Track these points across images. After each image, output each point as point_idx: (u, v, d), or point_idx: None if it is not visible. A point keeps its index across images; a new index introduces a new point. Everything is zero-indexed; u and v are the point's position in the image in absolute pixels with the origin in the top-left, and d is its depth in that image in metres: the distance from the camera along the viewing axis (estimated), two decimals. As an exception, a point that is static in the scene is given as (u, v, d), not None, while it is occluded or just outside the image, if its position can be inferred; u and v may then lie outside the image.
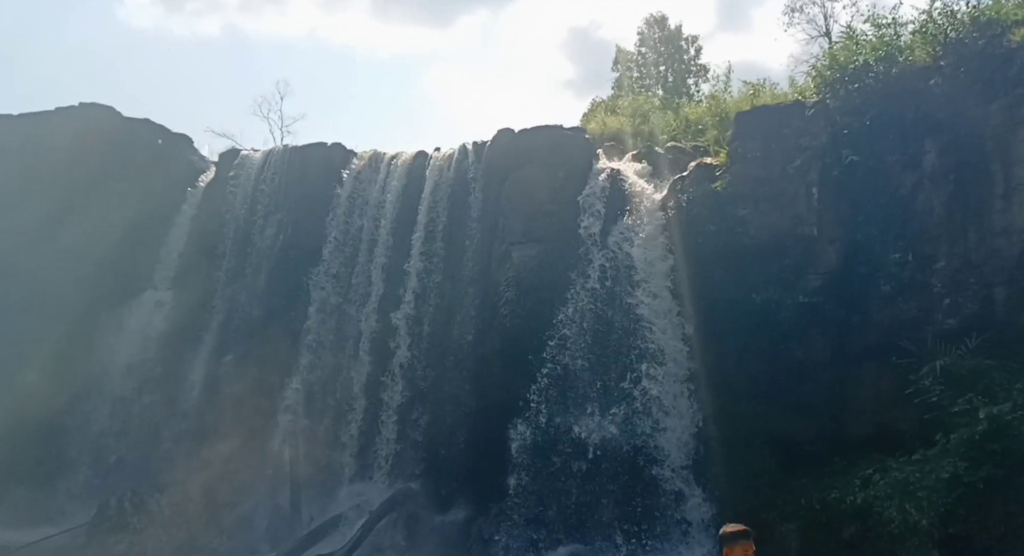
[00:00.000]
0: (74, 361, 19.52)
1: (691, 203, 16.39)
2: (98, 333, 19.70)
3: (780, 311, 14.90)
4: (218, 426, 18.10)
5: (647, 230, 16.53)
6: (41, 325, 19.52)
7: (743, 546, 5.23)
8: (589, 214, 17.22)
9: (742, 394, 14.64)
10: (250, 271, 19.99)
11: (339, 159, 20.58)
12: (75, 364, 19.51)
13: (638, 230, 16.56)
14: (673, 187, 17.04)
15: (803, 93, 17.24)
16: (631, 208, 16.97)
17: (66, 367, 19.41)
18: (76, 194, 20.61)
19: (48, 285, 19.67)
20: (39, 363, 19.22)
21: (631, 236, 16.51)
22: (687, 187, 16.76)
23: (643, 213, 16.85)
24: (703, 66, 30.99)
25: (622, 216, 16.92)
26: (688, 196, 16.54)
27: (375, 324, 18.25)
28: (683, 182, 16.98)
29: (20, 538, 15.66)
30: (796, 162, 15.41)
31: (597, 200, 17.36)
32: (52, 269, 19.78)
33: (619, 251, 16.36)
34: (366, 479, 17.11)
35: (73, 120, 21.46)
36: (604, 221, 17.06)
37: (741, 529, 5.29)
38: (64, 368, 19.38)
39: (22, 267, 19.33)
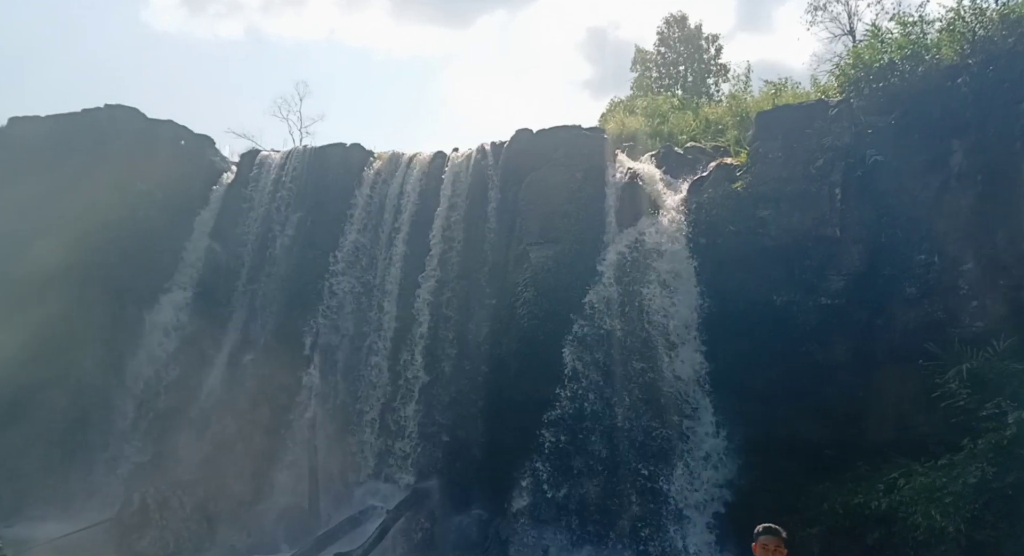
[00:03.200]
0: (98, 359, 19.73)
1: (711, 204, 16.26)
2: (122, 332, 19.87)
3: (801, 313, 14.73)
4: (238, 425, 18.21)
5: (665, 231, 16.42)
6: (67, 324, 19.75)
7: (764, 542, 5.52)
8: (608, 214, 17.13)
9: (761, 397, 14.49)
10: (270, 271, 20.10)
11: (358, 159, 20.64)
12: (99, 362, 19.72)
13: (656, 231, 16.45)
14: (692, 188, 16.92)
15: (826, 92, 17.05)
16: (649, 209, 16.86)
17: (91, 365, 19.62)
18: (101, 194, 20.79)
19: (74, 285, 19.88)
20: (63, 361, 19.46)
21: (649, 237, 16.40)
22: (707, 188, 16.63)
23: (662, 214, 16.75)
24: (723, 66, 30.80)
25: (640, 217, 16.81)
26: (708, 197, 16.41)
27: (393, 324, 18.28)
28: (703, 183, 16.85)
29: (45, 533, 15.83)
30: (819, 162, 15.23)
31: (616, 200, 17.27)
32: (78, 269, 19.99)
33: (637, 252, 16.25)
34: (384, 479, 17.12)
35: (99, 121, 21.65)
36: (623, 221, 16.97)
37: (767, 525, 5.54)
38: (89, 366, 19.60)
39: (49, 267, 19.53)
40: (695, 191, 16.77)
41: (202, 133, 22.81)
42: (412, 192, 19.45)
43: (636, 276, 16.00)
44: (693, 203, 16.57)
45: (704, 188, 16.63)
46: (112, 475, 18.47)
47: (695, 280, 15.79)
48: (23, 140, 21.71)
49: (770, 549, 5.56)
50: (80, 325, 19.71)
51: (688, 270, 15.99)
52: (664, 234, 16.39)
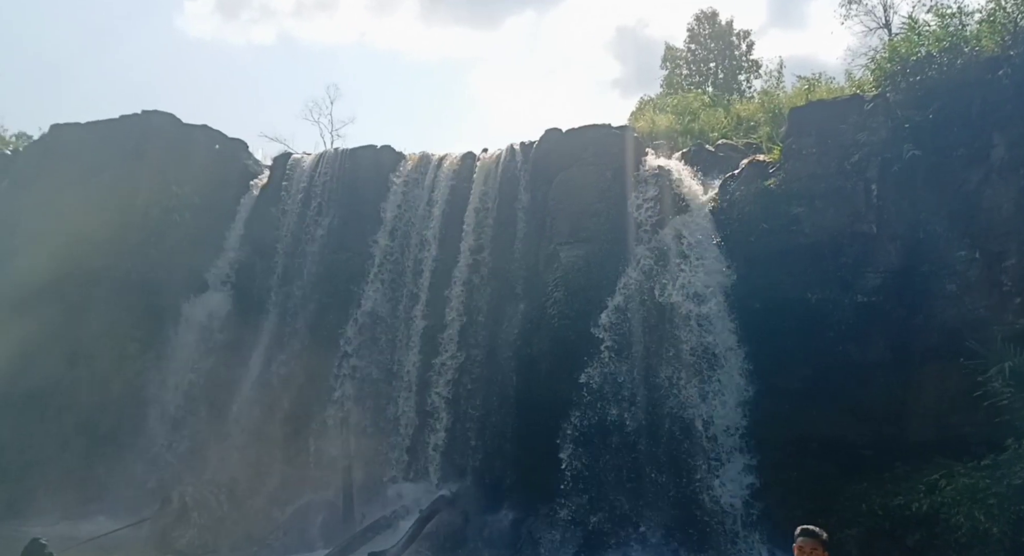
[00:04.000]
0: (136, 360, 20.13)
1: (743, 201, 16.08)
2: (159, 333, 20.24)
3: (837, 311, 14.51)
4: (273, 424, 18.45)
5: (697, 229, 16.27)
6: (105, 325, 20.20)
7: (800, 544, 5.51)
8: (638, 213, 17.04)
9: (797, 396, 14.29)
10: (302, 272, 20.33)
11: (388, 161, 20.80)
12: (137, 363, 20.11)
13: (688, 229, 16.30)
14: (724, 185, 16.74)
15: (861, 87, 16.76)
16: (680, 207, 16.73)
17: (129, 366, 20.03)
18: (139, 198, 21.26)
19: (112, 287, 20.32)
20: (103, 362, 19.89)
21: (681, 235, 16.26)
22: (738, 185, 16.45)
23: (693, 212, 16.60)
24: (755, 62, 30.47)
25: (673, 214, 16.69)
26: (739, 194, 16.23)
27: (424, 325, 18.37)
28: (734, 180, 16.66)
29: (87, 531, 16.18)
30: (854, 158, 14.98)
31: (647, 199, 17.17)
32: (116, 271, 20.44)
33: (669, 251, 16.13)
34: (417, 478, 17.23)
35: (136, 127, 22.09)
36: (654, 220, 16.85)
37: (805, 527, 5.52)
38: (127, 367, 20.01)
39: (89, 269, 19.99)
40: (726, 189, 16.59)
41: (236, 137, 23.22)
42: (442, 193, 19.54)
43: (667, 276, 15.86)
44: (724, 201, 16.40)
45: (736, 186, 16.45)
46: (150, 474, 18.82)
47: (728, 278, 15.61)
48: (64, 147, 22.27)
49: (806, 551, 5.53)
50: (118, 326, 20.17)
51: (720, 268, 15.80)
52: (695, 232, 16.23)
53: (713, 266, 15.83)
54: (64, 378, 19.77)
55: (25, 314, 19.65)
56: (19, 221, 21.52)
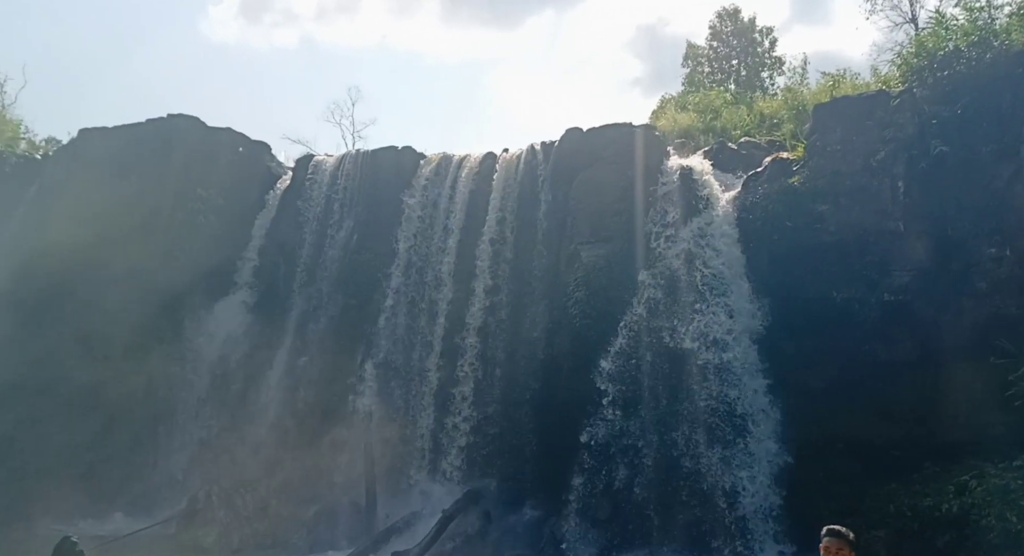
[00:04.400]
0: (162, 360, 20.34)
1: (767, 199, 15.94)
2: (185, 334, 20.47)
3: (863, 310, 14.34)
4: (296, 424, 18.58)
5: (720, 228, 16.15)
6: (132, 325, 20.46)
7: (827, 544, 5.48)
8: (660, 212, 16.94)
9: (822, 396, 14.14)
10: (325, 273, 20.47)
11: (409, 162, 20.88)
12: (163, 363, 20.33)
13: (711, 228, 16.18)
14: (747, 183, 16.60)
15: (887, 83, 16.52)
16: (704, 205, 16.60)
17: (154, 366, 20.26)
18: (164, 200, 21.53)
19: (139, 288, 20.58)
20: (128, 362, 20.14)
21: (704, 234, 16.13)
22: (762, 183, 16.31)
23: (716, 210, 16.47)
24: (778, 58, 30.15)
25: (694, 214, 16.57)
26: (763, 192, 16.09)
27: (446, 325, 18.41)
28: (757, 178, 16.52)
29: (116, 529, 16.40)
30: (880, 154, 14.79)
31: (668, 198, 17.06)
32: (143, 273, 20.69)
33: (692, 250, 16.01)
34: (439, 478, 17.27)
35: (161, 130, 22.34)
36: (676, 219, 16.74)
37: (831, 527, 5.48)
38: (153, 367, 20.24)
39: (117, 270, 20.27)
40: (750, 187, 16.45)
41: (259, 140, 23.43)
42: (463, 193, 19.57)
43: (690, 275, 15.75)
44: (748, 199, 16.26)
45: (759, 183, 16.31)
46: (176, 474, 19.04)
47: (750, 277, 15.48)
48: (92, 151, 22.60)
49: (832, 552, 5.46)
50: (145, 326, 20.39)
51: (742, 267, 15.68)
52: (718, 231, 16.11)
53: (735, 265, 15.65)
54: (91, 378, 20.00)
55: (53, 315, 19.99)
56: (49, 224, 21.86)
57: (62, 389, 19.75)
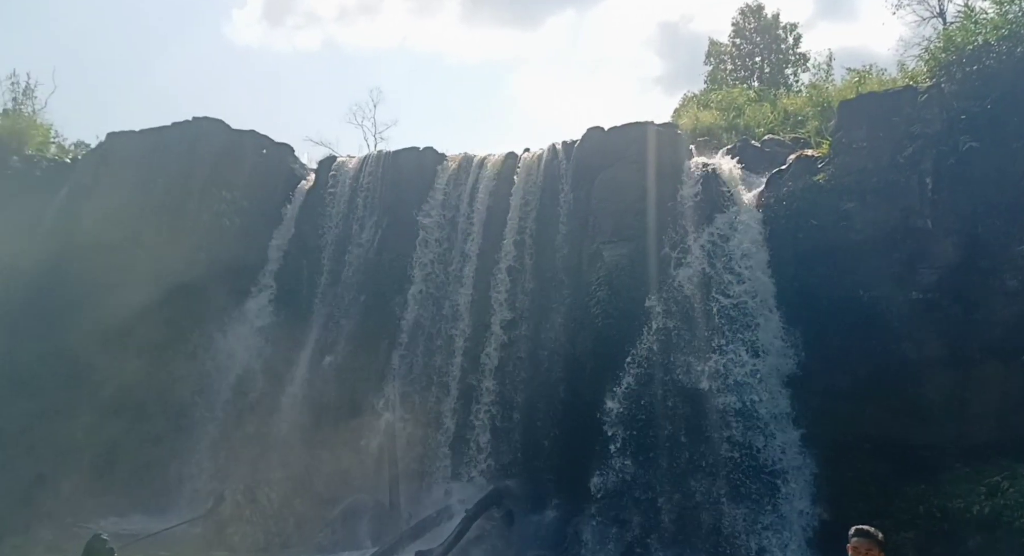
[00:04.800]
0: (188, 361, 20.59)
1: (791, 197, 15.78)
2: (211, 334, 20.69)
3: (891, 308, 14.14)
4: (320, 424, 18.71)
5: (744, 226, 16.01)
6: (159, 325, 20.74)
7: (855, 544, 5.40)
8: (682, 211, 16.84)
9: (849, 396, 13.97)
10: (348, 273, 20.60)
11: (430, 163, 20.95)
12: (189, 364, 20.58)
13: (735, 227, 16.05)
14: (771, 181, 16.45)
15: (914, 78, 16.29)
16: (727, 204, 16.48)
17: (181, 366, 20.50)
18: (190, 202, 21.79)
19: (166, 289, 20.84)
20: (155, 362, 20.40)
21: (727, 233, 16.01)
22: (786, 181, 16.15)
23: (740, 209, 16.34)
24: (802, 55, 29.81)
25: (718, 212, 16.45)
26: (787, 190, 15.93)
27: (468, 324, 18.45)
28: (782, 176, 16.37)
29: (145, 527, 16.62)
30: (907, 151, 14.59)
31: (691, 197, 16.96)
32: (169, 274, 20.95)
33: (715, 249, 15.89)
34: (462, 477, 17.30)
35: (187, 133, 22.58)
36: (698, 218, 16.63)
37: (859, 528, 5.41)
38: (179, 367, 20.49)
39: (144, 272, 20.55)
40: (774, 185, 16.29)
41: (282, 142, 23.61)
42: (484, 193, 19.60)
43: (713, 275, 15.64)
44: (772, 197, 16.11)
45: (783, 181, 16.15)
46: (201, 472, 19.25)
47: (776, 277, 15.34)
48: (120, 154, 22.94)
49: (861, 552, 5.39)
50: (171, 327, 20.66)
51: (767, 266, 15.53)
52: (742, 230, 15.96)
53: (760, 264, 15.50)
54: (116, 377, 20.28)
55: (81, 314, 20.31)
56: (78, 226, 22.25)
57: (86, 387, 20.07)
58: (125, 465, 19.01)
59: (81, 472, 18.74)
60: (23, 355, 20.28)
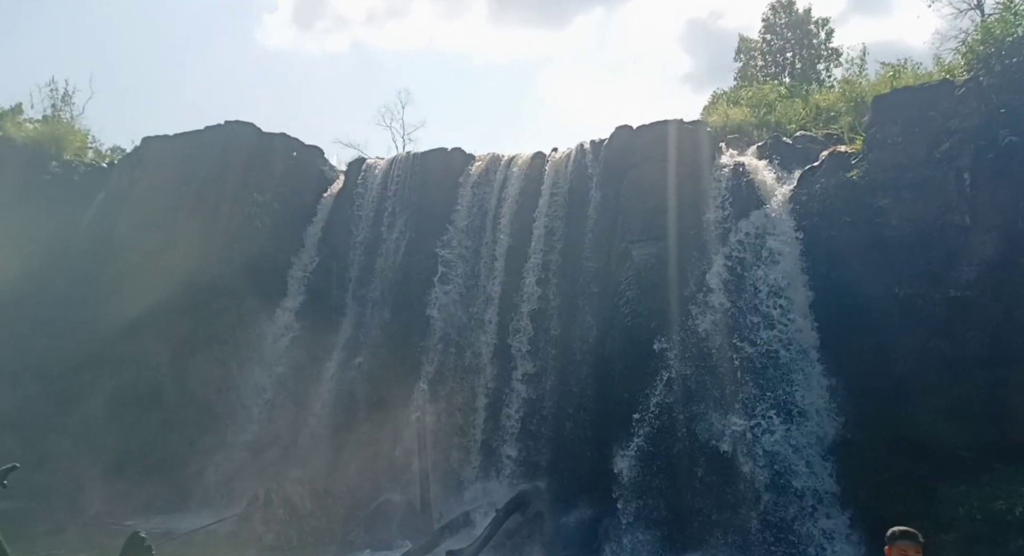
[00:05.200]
0: (222, 362, 20.89)
1: (823, 194, 15.53)
2: (243, 335, 20.97)
3: (927, 306, 13.83)
4: (351, 425, 18.87)
5: (776, 224, 15.78)
6: (193, 328, 21.09)
7: (903, 547, 5.18)
8: (713, 209, 16.68)
9: (885, 396, 13.69)
10: (377, 274, 20.74)
11: (458, 163, 21.02)
12: (223, 365, 20.87)
13: (766, 224, 15.84)
14: (803, 178, 16.19)
15: (951, 72, 15.93)
16: (758, 202, 16.28)
17: (215, 367, 20.81)
18: (223, 205, 22.12)
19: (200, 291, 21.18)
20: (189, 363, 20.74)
21: (759, 231, 15.80)
22: (819, 177, 15.89)
23: (771, 206, 16.11)
24: (835, 50, 29.31)
25: (749, 210, 16.26)
26: (820, 187, 15.68)
27: (496, 324, 18.47)
28: (814, 172, 16.11)
29: (181, 526, 16.88)
30: (944, 146, 14.27)
31: (721, 195, 16.79)
32: (203, 276, 21.29)
33: (746, 247, 15.70)
34: (492, 478, 17.33)
35: (219, 137, 22.92)
36: (729, 216, 16.45)
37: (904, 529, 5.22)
38: (213, 368, 20.80)
39: (178, 274, 20.90)
40: (806, 182, 16.05)
41: (312, 144, 23.87)
42: (512, 192, 19.61)
43: (745, 274, 15.46)
44: (804, 194, 15.87)
45: (816, 178, 15.91)
46: (237, 472, 19.50)
47: (808, 275, 15.11)
48: (155, 158, 23.37)
49: (909, 555, 5.20)
50: (205, 328, 21.02)
51: (800, 265, 15.31)
52: (773, 228, 15.75)
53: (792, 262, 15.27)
54: (149, 378, 20.69)
55: (119, 317, 20.71)
56: (115, 229, 22.71)
57: (121, 387, 20.51)
58: (159, 464, 19.34)
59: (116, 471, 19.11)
60: (59, 357, 20.77)
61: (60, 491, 18.44)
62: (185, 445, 19.84)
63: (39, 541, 15.02)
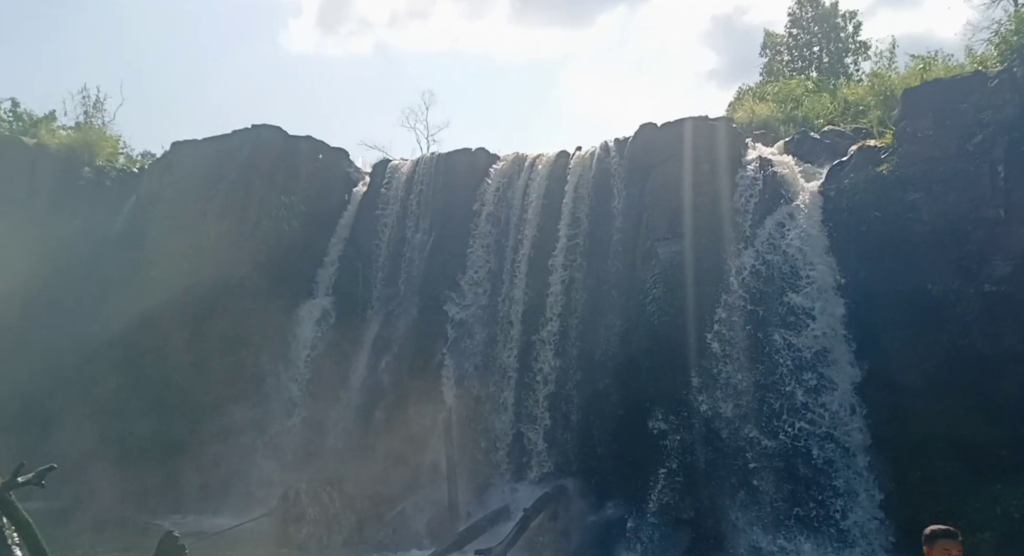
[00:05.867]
0: (252, 363, 21.09)
1: (852, 189, 15.34)
2: (273, 337, 21.15)
3: (961, 302, 13.60)
4: (378, 424, 18.96)
5: (804, 220, 15.62)
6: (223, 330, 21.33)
7: (946, 546, 5.06)
8: (739, 206, 16.52)
9: (918, 393, 13.49)
10: (403, 275, 20.83)
11: (483, 163, 21.02)
12: (253, 366, 21.07)
13: (794, 221, 15.68)
14: (831, 173, 16.02)
15: (984, 63, 15.62)
16: (786, 198, 16.10)
17: (245, 369, 21.02)
18: (250, 209, 22.34)
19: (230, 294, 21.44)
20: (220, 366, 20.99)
21: (786, 227, 15.65)
22: (847, 172, 15.71)
23: (799, 202, 15.96)
24: (863, 43, 28.88)
25: (776, 207, 16.09)
26: (849, 182, 15.50)
27: (522, 324, 18.45)
28: (843, 167, 15.93)
29: (213, 525, 17.08)
30: (977, 138, 14.01)
31: (747, 191, 16.62)
32: (232, 279, 21.55)
33: (774, 244, 15.54)
34: (520, 477, 17.32)
35: (247, 141, 23.10)
36: (756, 212, 16.29)
37: (943, 528, 5.11)
38: (243, 370, 21.01)
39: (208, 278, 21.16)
40: (835, 177, 15.85)
41: (337, 146, 24.01)
42: (536, 192, 19.57)
43: (772, 271, 15.29)
44: (832, 190, 15.68)
45: (845, 173, 15.71)
46: (267, 472, 19.70)
47: (839, 271, 14.92)
48: (184, 163, 23.68)
49: (953, 554, 5.04)
50: (236, 330, 21.24)
51: (830, 261, 15.12)
52: (801, 224, 15.57)
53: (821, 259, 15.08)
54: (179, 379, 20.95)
55: (152, 323, 21.05)
56: (145, 235, 23.05)
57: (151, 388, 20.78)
58: (188, 465, 19.55)
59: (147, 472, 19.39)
60: (90, 359, 21.13)
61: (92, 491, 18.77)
62: (214, 446, 20.04)
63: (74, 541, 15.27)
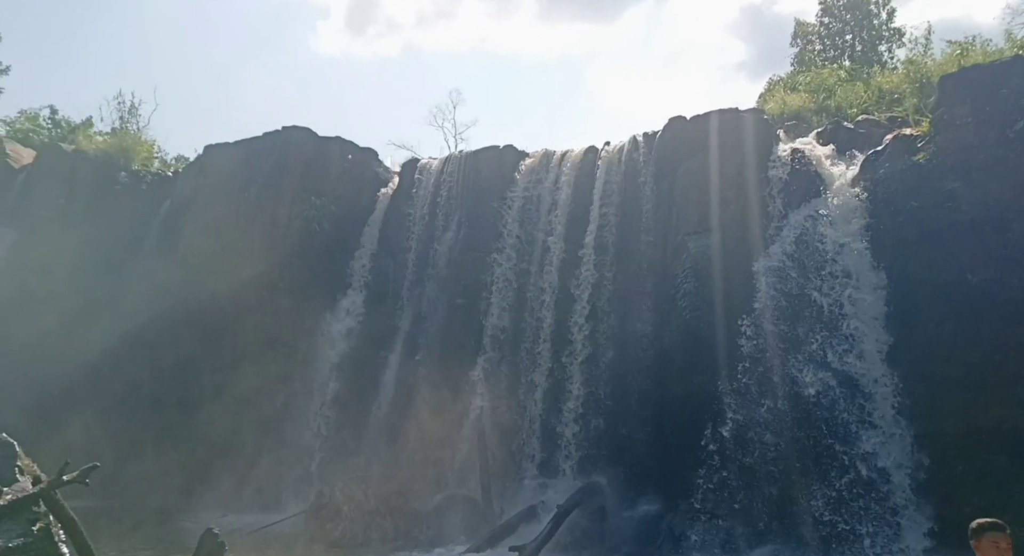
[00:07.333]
0: (286, 362, 21.36)
1: (888, 179, 15.04)
2: (305, 336, 21.40)
3: (1003, 292, 13.26)
4: (411, 421, 19.06)
5: (838, 211, 15.37)
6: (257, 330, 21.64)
7: (994, 539, 4.96)
8: (770, 199, 16.30)
9: (959, 385, 13.19)
10: (433, 273, 20.92)
11: (511, 160, 21.04)
12: (287, 364, 21.33)
13: (828, 212, 15.43)
14: (866, 163, 15.72)
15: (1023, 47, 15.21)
16: (819, 189, 15.84)
17: (279, 368, 21.28)
18: (282, 210, 22.63)
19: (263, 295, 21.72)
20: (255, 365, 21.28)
21: (820, 219, 15.40)
22: (883, 162, 15.40)
23: (833, 193, 15.71)
24: (897, 30, 28.26)
25: (809, 198, 15.85)
26: (884, 172, 15.19)
27: (553, 320, 18.43)
28: (878, 157, 15.62)
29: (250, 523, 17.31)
30: (1018, 125, 13.66)
31: (780, 183, 16.40)
32: (265, 280, 21.83)
33: (808, 236, 15.30)
34: (553, 473, 17.29)
35: (278, 143, 23.42)
36: (789, 205, 16.06)
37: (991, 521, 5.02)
38: (277, 369, 21.27)
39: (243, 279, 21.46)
40: (870, 167, 15.55)
41: (367, 146, 24.27)
42: (565, 187, 19.53)
43: (806, 263, 15.06)
44: (867, 180, 15.39)
45: (880, 163, 15.40)
46: (303, 470, 19.94)
47: (875, 263, 14.65)
48: (216, 165, 24.06)
49: (1003, 547, 4.96)
50: (269, 330, 21.53)
51: (866, 253, 14.85)
52: (836, 216, 15.32)
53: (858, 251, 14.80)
54: (216, 378, 21.27)
55: (188, 324, 21.41)
56: (180, 236, 23.46)
57: (188, 390, 21.15)
58: (225, 463, 19.86)
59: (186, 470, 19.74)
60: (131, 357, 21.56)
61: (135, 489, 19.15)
62: (249, 444, 20.34)
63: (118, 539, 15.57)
